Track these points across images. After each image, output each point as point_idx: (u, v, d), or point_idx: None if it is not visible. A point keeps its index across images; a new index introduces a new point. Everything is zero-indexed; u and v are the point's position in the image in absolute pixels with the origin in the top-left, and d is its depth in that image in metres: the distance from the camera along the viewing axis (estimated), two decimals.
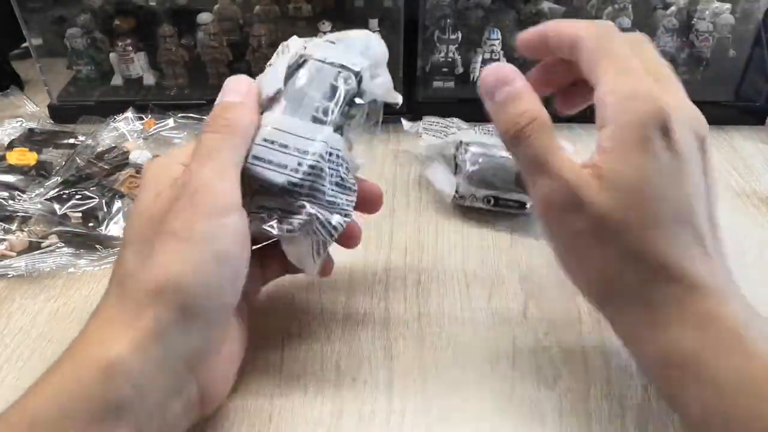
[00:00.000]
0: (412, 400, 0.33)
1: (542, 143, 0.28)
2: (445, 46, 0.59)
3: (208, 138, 0.30)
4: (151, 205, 0.28)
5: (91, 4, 0.60)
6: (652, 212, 0.27)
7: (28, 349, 0.36)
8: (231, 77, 0.32)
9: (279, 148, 0.30)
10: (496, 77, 0.29)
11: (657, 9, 0.61)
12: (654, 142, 0.27)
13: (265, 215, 0.30)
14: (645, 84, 0.28)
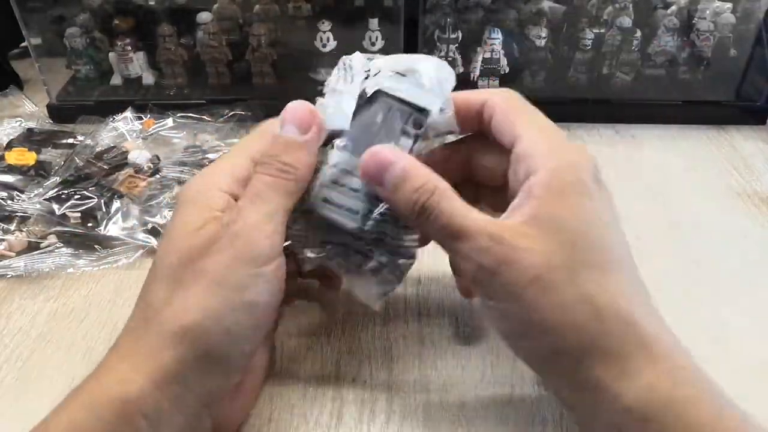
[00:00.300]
0: (412, 401, 0.33)
1: (451, 209, 0.27)
2: (445, 45, 0.59)
3: (261, 179, 0.28)
4: (189, 238, 0.27)
5: (91, 4, 0.60)
6: (599, 256, 0.26)
7: (28, 350, 0.36)
8: (293, 104, 0.30)
9: (349, 192, 0.29)
10: (375, 163, 0.28)
11: (658, 8, 0.61)
12: (589, 185, 0.27)
13: (331, 251, 0.30)
14: (565, 139, 0.29)
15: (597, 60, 0.61)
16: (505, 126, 0.30)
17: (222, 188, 0.29)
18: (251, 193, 0.28)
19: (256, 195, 0.28)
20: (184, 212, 0.29)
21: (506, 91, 0.31)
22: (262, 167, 0.29)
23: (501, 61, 0.59)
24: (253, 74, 0.61)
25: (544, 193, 0.26)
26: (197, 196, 0.29)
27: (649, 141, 0.58)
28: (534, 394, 0.33)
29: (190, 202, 0.29)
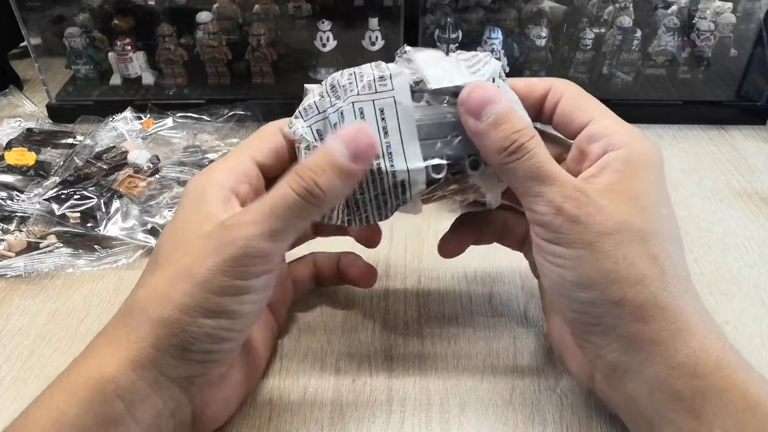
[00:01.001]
0: (412, 401, 0.33)
1: (545, 155, 0.28)
2: (445, 45, 0.59)
3: (286, 193, 0.26)
4: (184, 234, 0.28)
5: (90, 4, 0.60)
6: (666, 227, 0.28)
7: (27, 350, 0.36)
8: (359, 128, 0.27)
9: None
10: (479, 96, 0.28)
11: (658, 8, 0.61)
12: (661, 169, 0.29)
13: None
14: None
15: (597, 60, 0.61)
16: (578, 108, 0.30)
17: (223, 185, 0.29)
18: (267, 203, 0.27)
19: (271, 208, 0.26)
20: (183, 209, 0.29)
21: (569, 82, 0.32)
22: (293, 180, 0.26)
23: (501, 61, 0.59)
24: (252, 74, 0.61)
25: (624, 167, 0.28)
26: (198, 194, 0.29)
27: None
28: (534, 394, 0.33)
29: (190, 199, 0.29)
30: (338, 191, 0.27)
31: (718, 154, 0.56)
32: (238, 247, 0.26)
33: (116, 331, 0.27)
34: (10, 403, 0.33)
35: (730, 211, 0.48)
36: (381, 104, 0.29)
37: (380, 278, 0.41)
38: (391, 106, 0.29)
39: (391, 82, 0.29)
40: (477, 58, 0.31)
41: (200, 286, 0.26)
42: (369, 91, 0.29)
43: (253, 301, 0.27)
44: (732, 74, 0.61)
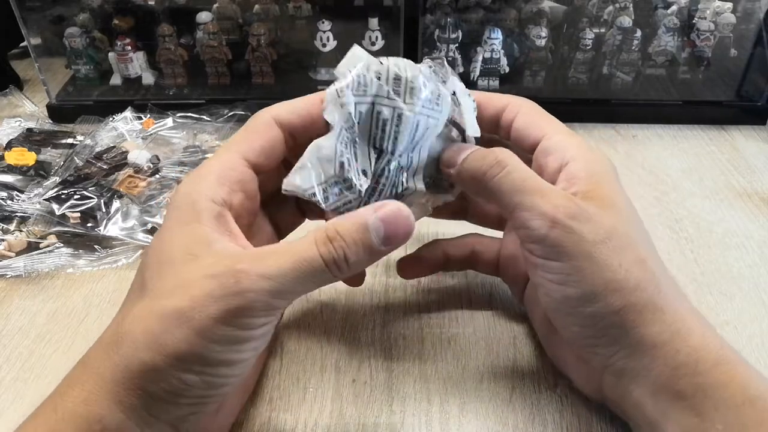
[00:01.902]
0: (412, 401, 0.33)
1: (529, 173, 0.29)
2: (445, 45, 0.59)
3: (314, 260, 0.25)
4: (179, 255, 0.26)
5: (90, 4, 0.60)
6: (643, 231, 0.29)
7: (27, 350, 0.36)
8: (403, 216, 0.26)
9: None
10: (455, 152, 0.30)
11: (658, 8, 0.61)
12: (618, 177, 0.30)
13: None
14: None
15: (597, 60, 0.61)
16: (531, 124, 0.32)
17: (215, 199, 0.27)
18: (288, 258, 0.25)
19: (291, 268, 0.25)
20: (171, 225, 0.27)
21: (525, 99, 0.33)
22: (323, 243, 0.25)
23: (501, 61, 0.59)
24: (252, 74, 0.61)
25: (590, 176, 0.29)
26: (186, 209, 0.27)
27: (650, 141, 0.58)
28: (534, 394, 0.33)
29: (178, 214, 0.27)
30: (361, 266, 0.26)
31: (718, 154, 0.56)
32: (246, 300, 0.24)
33: (102, 363, 0.25)
34: (10, 404, 0.33)
35: (730, 211, 0.48)
36: (426, 122, 0.29)
37: (380, 278, 0.41)
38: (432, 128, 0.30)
39: (442, 105, 0.30)
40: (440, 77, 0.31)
41: (199, 334, 0.24)
42: (429, 106, 0.29)
43: (253, 348, 0.26)
44: (732, 74, 0.61)
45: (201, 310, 0.24)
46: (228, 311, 0.24)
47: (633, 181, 0.52)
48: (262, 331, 0.26)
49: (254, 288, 0.24)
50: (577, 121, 0.60)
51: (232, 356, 0.25)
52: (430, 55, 0.32)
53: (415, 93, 0.28)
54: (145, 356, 0.24)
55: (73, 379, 0.25)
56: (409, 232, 0.26)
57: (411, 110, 0.28)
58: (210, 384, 0.25)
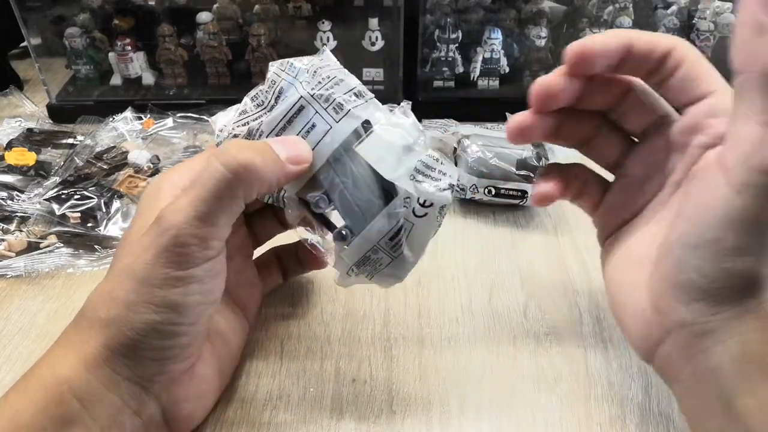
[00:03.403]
0: (412, 401, 0.33)
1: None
2: (445, 45, 0.59)
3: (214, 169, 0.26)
4: (132, 235, 0.28)
5: (90, 4, 0.60)
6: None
7: (27, 350, 0.36)
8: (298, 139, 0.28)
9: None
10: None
11: (658, 8, 0.61)
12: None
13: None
14: None
15: None
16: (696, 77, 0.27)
17: (177, 184, 0.28)
18: (195, 186, 0.26)
19: (198, 191, 0.26)
20: (139, 211, 0.29)
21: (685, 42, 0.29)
22: (221, 153, 0.26)
23: (501, 61, 0.59)
24: (252, 74, 0.61)
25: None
26: (153, 195, 0.29)
27: None
28: (534, 394, 0.33)
29: (146, 201, 0.29)
30: (266, 177, 0.27)
31: None
32: (169, 236, 0.25)
33: (69, 334, 0.27)
34: None
35: None
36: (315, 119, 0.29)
37: None
38: (322, 132, 0.29)
39: (342, 116, 0.29)
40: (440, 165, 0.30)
41: (141, 281, 0.26)
42: (325, 106, 0.29)
43: (200, 292, 0.27)
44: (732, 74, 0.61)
45: (139, 259, 0.26)
46: (159, 252, 0.25)
47: None
48: (202, 271, 0.26)
49: (174, 222, 0.25)
50: None
51: (178, 299, 0.26)
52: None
53: (323, 83, 0.29)
54: (103, 314, 0.26)
55: (47, 353, 0.27)
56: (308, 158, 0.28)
57: (301, 88, 0.29)
58: (162, 333, 0.26)
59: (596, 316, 0.38)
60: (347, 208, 0.29)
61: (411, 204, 0.29)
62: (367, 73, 0.60)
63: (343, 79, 0.30)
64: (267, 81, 0.31)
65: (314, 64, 0.31)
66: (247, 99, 0.32)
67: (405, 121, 0.30)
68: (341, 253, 0.30)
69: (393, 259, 0.30)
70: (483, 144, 0.46)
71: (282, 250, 0.38)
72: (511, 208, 0.47)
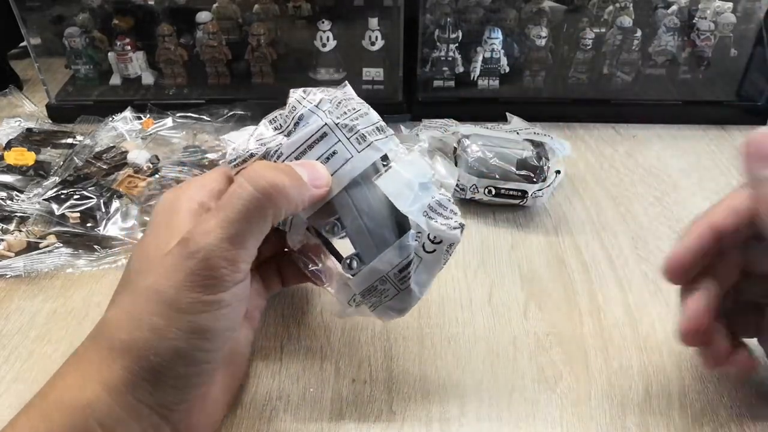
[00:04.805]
0: (412, 401, 0.33)
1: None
2: (445, 45, 0.59)
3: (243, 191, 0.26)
4: (151, 252, 0.27)
5: (90, 4, 0.60)
6: None
7: (27, 350, 0.36)
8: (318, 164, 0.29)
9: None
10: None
11: (658, 8, 0.61)
12: None
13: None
14: None
15: (597, 60, 0.61)
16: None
17: (193, 198, 0.28)
18: (222, 208, 0.26)
19: (227, 212, 0.25)
20: (153, 226, 0.29)
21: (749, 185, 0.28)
22: (249, 176, 0.26)
23: (501, 61, 0.59)
24: (252, 74, 0.61)
25: None
26: (167, 209, 0.28)
27: (650, 141, 0.58)
28: (534, 394, 0.33)
29: (160, 215, 0.29)
30: (292, 197, 0.27)
31: (718, 154, 0.56)
32: (198, 259, 0.25)
33: (88, 352, 0.26)
34: (10, 403, 0.33)
35: None
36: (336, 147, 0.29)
37: None
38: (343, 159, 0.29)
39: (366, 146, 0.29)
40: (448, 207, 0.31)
41: (168, 305, 0.25)
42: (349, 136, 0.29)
43: (227, 317, 0.26)
44: (732, 74, 0.61)
45: (165, 282, 0.25)
46: (188, 275, 0.25)
47: (633, 181, 0.52)
48: (231, 295, 0.26)
49: (203, 244, 0.25)
50: (577, 121, 0.60)
51: (207, 324, 0.25)
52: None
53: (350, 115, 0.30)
54: (125, 335, 0.25)
55: (63, 370, 0.26)
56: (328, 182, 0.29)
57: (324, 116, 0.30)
58: (188, 359, 0.25)
59: (596, 315, 0.38)
60: (360, 237, 0.30)
61: (422, 239, 0.30)
62: (367, 72, 0.60)
63: (367, 113, 0.31)
64: (287, 106, 0.31)
65: (337, 96, 0.31)
66: (265, 121, 0.32)
67: (421, 161, 0.31)
68: (348, 282, 0.31)
69: (399, 292, 0.31)
70: (483, 144, 0.46)
71: (281, 259, 0.37)
72: (511, 208, 0.47)
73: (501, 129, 0.49)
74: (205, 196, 0.29)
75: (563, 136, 0.57)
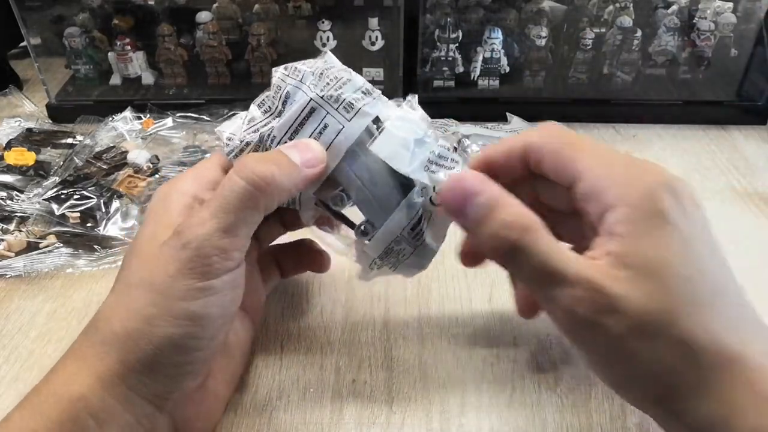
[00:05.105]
0: (412, 401, 0.33)
1: (544, 248, 0.24)
2: (445, 44, 0.59)
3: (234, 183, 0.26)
4: (144, 245, 0.27)
5: (90, 3, 0.60)
6: (697, 290, 0.24)
7: (27, 350, 0.36)
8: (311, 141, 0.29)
9: None
10: (460, 192, 0.26)
11: (658, 8, 0.61)
12: (671, 213, 0.24)
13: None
14: (635, 161, 0.26)
15: (597, 60, 0.61)
16: (559, 165, 0.27)
17: (186, 192, 0.29)
18: (216, 199, 0.26)
19: (220, 204, 0.26)
20: (148, 221, 0.29)
21: (544, 127, 0.29)
22: (240, 168, 0.27)
23: (501, 60, 0.59)
24: (252, 74, 0.61)
25: (627, 230, 0.24)
26: (161, 204, 0.29)
27: (650, 141, 0.58)
28: (534, 394, 0.33)
29: (154, 210, 0.29)
30: (284, 185, 0.27)
31: (718, 154, 0.56)
32: (192, 249, 0.25)
33: (82, 347, 0.26)
34: (10, 404, 0.33)
35: (731, 211, 0.48)
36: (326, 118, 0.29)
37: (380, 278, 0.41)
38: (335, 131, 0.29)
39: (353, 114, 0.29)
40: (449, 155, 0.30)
41: (162, 294, 0.25)
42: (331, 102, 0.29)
43: (220, 303, 0.27)
44: (732, 74, 0.61)
45: (160, 272, 0.26)
46: (182, 265, 0.25)
47: None
48: (223, 282, 0.26)
49: (196, 235, 0.26)
50: (577, 121, 0.60)
51: (199, 310, 0.26)
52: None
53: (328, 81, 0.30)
54: (119, 327, 0.26)
55: (57, 366, 0.26)
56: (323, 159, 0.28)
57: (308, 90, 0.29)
58: (181, 347, 0.26)
59: None
60: (366, 204, 0.30)
61: (428, 194, 0.29)
62: (367, 72, 0.60)
63: (350, 78, 0.30)
64: (272, 87, 0.31)
65: (318, 66, 0.31)
66: (254, 106, 0.32)
67: (414, 115, 0.31)
68: (364, 248, 0.31)
69: (416, 249, 0.31)
70: (483, 144, 0.46)
71: (279, 250, 0.38)
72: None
73: (501, 129, 0.49)
74: (199, 188, 0.29)
75: None
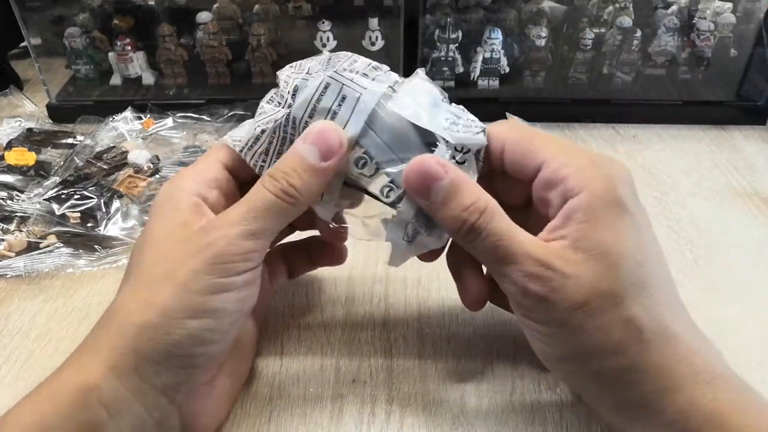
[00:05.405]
0: (412, 401, 0.33)
1: (499, 229, 0.26)
2: (445, 45, 0.59)
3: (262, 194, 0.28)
4: (160, 242, 0.28)
5: (90, 4, 0.60)
6: (642, 277, 0.26)
7: (27, 350, 0.36)
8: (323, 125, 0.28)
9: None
10: (420, 175, 0.27)
11: (658, 8, 0.61)
12: (629, 205, 0.27)
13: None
14: (596, 153, 0.28)
15: (597, 60, 0.61)
16: (523, 154, 0.29)
17: (191, 191, 0.29)
18: (245, 205, 0.28)
19: (249, 210, 0.27)
20: (154, 219, 0.29)
21: (507, 122, 0.31)
22: (268, 181, 0.28)
23: (501, 61, 0.59)
24: (252, 74, 0.61)
25: (586, 217, 0.26)
26: (167, 203, 0.29)
27: (650, 141, 0.58)
28: (534, 394, 0.33)
29: (160, 208, 0.29)
30: (313, 189, 0.28)
31: (718, 154, 0.56)
32: (219, 246, 0.26)
33: (97, 338, 0.27)
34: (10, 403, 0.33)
35: (731, 212, 0.48)
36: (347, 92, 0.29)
37: (380, 278, 0.41)
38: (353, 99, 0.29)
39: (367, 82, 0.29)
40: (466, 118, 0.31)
41: (183, 287, 0.26)
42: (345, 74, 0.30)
43: (237, 299, 0.27)
44: (732, 74, 0.61)
45: (182, 266, 0.26)
46: (205, 261, 0.26)
47: None
48: (242, 279, 0.27)
49: (223, 235, 0.27)
50: (577, 121, 0.60)
51: (217, 305, 0.27)
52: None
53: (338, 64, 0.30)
54: (136, 318, 0.26)
55: (72, 357, 0.27)
56: (342, 139, 0.28)
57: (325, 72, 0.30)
58: (198, 339, 0.26)
59: None
60: (390, 163, 0.29)
61: (450, 152, 0.29)
62: None
63: (357, 60, 0.31)
64: (280, 83, 0.31)
65: (324, 57, 0.32)
66: (263, 103, 0.32)
67: (426, 84, 0.31)
68: (396, 215, 0.30)
69: None
70: None
71: (288, 248, 0.37)
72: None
73: None
74: (203, 187, 0.30)
75: (563, 136, 0.57)
